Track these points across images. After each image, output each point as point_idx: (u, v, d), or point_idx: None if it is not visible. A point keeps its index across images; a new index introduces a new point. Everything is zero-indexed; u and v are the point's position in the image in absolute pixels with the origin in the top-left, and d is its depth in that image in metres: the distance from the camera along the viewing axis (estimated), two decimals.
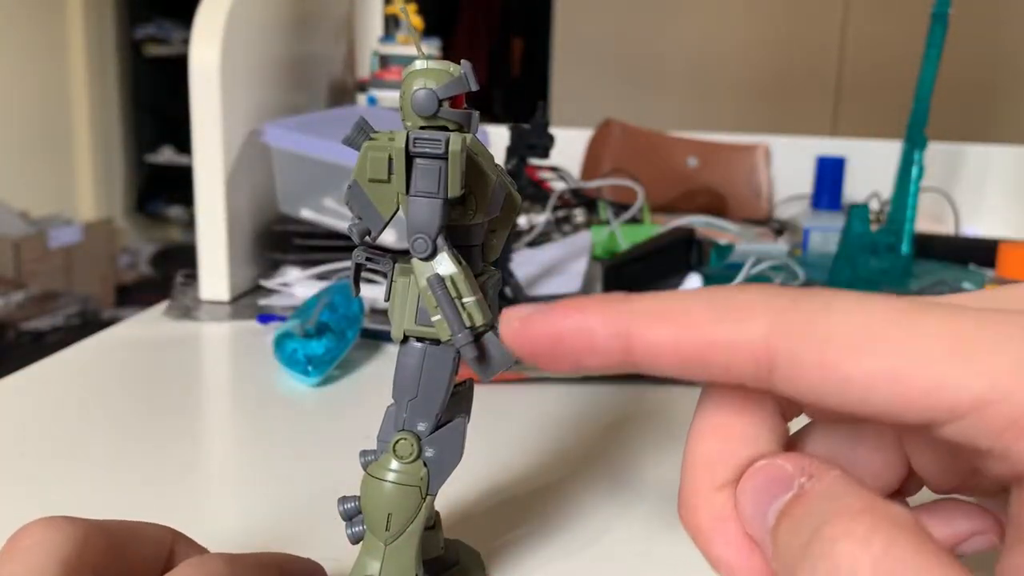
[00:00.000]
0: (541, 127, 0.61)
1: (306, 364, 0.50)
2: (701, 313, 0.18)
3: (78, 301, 2.71)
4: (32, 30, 3.15)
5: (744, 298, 0.18)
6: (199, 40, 0.64)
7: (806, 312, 0.17)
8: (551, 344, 0.19)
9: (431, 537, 0.29)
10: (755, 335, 0.17)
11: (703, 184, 1.13)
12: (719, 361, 0.18)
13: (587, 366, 0.19)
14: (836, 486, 0.17)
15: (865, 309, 0.17)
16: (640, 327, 0.18)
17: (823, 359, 0.16)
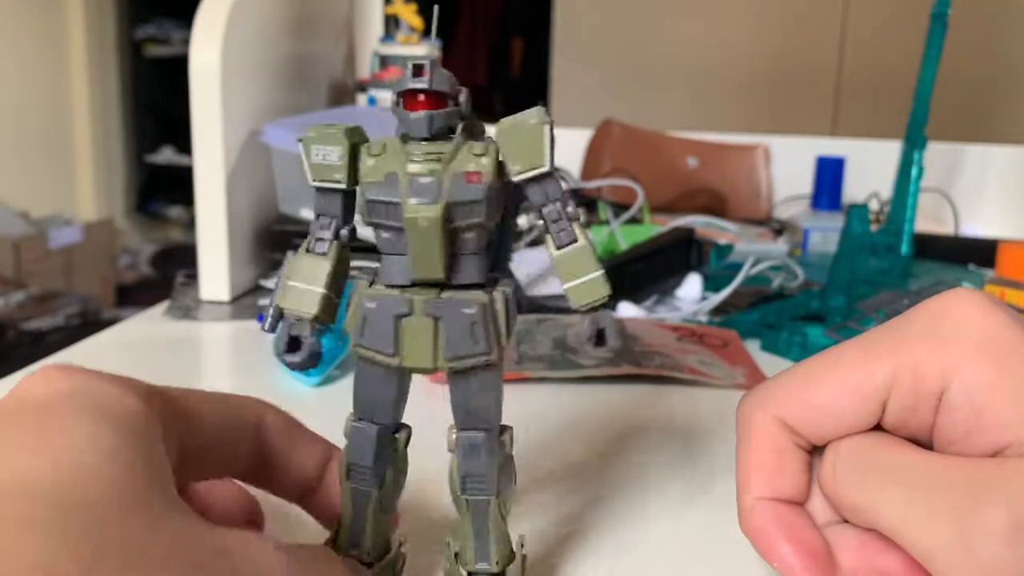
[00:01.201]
0: None
1: None
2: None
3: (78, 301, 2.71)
4: (32, 30, 3.15)
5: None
6: (199, 40, 0.64)
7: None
8: (810, 559, 0.25)
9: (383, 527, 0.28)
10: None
11: (703, 184, 1.13)
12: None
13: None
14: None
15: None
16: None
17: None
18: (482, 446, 0.26)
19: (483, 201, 0.23)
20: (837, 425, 0.25)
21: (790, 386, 0.26)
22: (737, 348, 0.59)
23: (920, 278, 0.76)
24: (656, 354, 0.55)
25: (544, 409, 0.48)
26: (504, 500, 0.27)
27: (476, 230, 0.24)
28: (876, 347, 0.24)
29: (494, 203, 0.24)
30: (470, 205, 0.24)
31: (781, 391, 0.26)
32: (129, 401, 0.22)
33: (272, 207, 0.74)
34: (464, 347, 0.24)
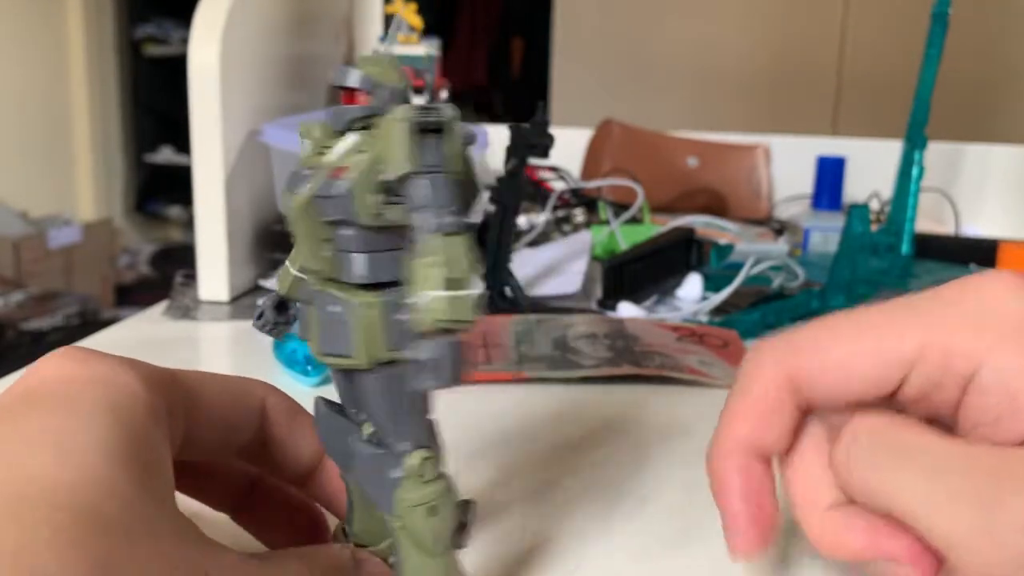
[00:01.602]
0: (541, 127, 0.61)
1: (306, 364, 0.50)
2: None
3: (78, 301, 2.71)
4: (32, 30, 3.15)
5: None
6: (198, 40, 0.64)
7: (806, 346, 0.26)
8: (752, 520, 0.26)
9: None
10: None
11: (703, 184, 1.13)
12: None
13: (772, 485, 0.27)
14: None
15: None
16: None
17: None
18: (356, 455, 0.25)
19: (338, 197, 0.23)
20: (848, 387, 0.24)
21: (805, 342, 0.25)
22: (737, 348, 0.59)
23: (921, 278, 0.76)
24: (656, 354, 0.55)
25: (544, 409, 0.48)
26: (412, 529, 0.24)
27: (353, 227, 0.23)
28: (905, 317, 0.24)
29: (363, 200, 0.23)
30: (330, 200, 0.23)
31: (794, 345, 0.25)
32: (138, 392, 0.22)
33: (271, 207, 0.74)
34: (328, 344, 0.24)
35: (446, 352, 0.21)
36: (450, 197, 0.22)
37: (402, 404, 0.24)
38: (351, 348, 0.23)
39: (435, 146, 0.22)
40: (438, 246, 0.21)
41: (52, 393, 0.21)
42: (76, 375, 0.22)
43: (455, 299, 0.21)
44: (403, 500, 0.24)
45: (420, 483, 0.24)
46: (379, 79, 0.23)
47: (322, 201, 0.23)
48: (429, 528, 0.24)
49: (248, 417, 0.27)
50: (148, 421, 0.22)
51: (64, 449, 0.20)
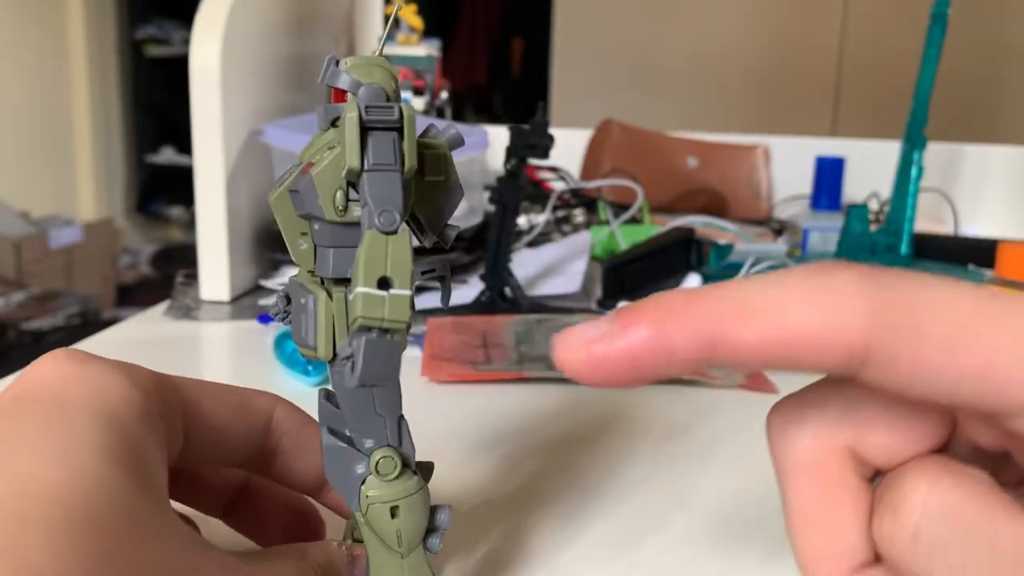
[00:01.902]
0: (541, 127, 0.61)
1: (306, 364, 0.50)
2: (793, 307, 0.17)
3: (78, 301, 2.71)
4: (32, 30, 3.15)
5: (837, 285, 0.17)
6: (199, 40, 0.65)
7: (902, 305, 0.17)
8: (626, 369, 0.18)
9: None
10: (854, 330, 0.17)
11: (703, 184, 1.13)
12: (812, 355, 0.17)
13: (663, 376, 0.18)
14: (923, 457, 0.18)
15: (956, 302, 0.17)
16: (726, 331, 0.17)
17: (916, 355, 0.16)
18: (323, 446, 0.25)
19: (302, 192, 0.23)
20: (916, 446, 0.19)
21: (854, 397, 0.19)
22: None
23: None
24: None
25: (543, 409, 0.48)
26: (374, 526, 0.24)
27: (321, 223, 0.24)
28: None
29: (327, 196, 0.23)
30: (297, 195, 0.24)
31: (842, 400, 0.19)
32: (133, 398, 0.22)
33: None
34: (297, 334, 0.25)
35: (360, 350, 0.21)
36: (393, 196, 0.22)
37: (365, 400, 0.24)
38: (314, 340, 0.24)
39: (388, 144, 0.22)
40: (366, 244, 0.21)
41: (47, 394, 0.22)
42: (70, 377, 0.22)
43: (371, 297, 0.21)
44: (366, 497, 0.24)
45: (383, 481, 0.24)
46: (362, 78, 0.23)
47: (293, 195, 0.24)
48: (392, 528, 0.24)
49: (251, 428, 0.27)
50: (141, 424, 0.22)
51: (59, 449, 0.20)
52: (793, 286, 0.17)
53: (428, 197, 0.25)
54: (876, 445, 0.19)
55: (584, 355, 0.18)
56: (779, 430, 0.20)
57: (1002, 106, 2.00)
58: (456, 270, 0.72)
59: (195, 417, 0.25)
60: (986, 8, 1.91)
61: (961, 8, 0.88)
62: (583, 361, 0.18)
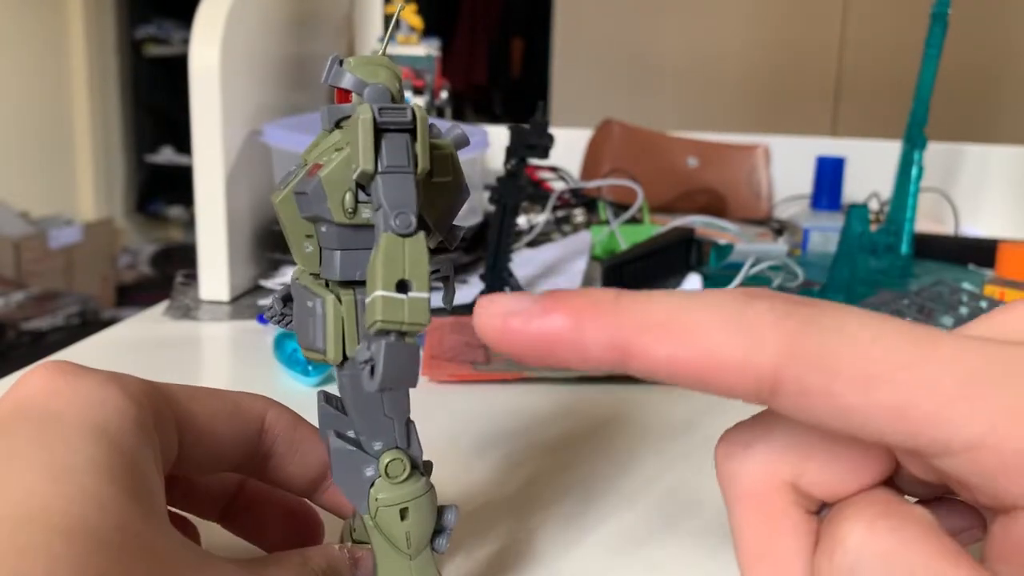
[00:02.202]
0: (541, 127, 0.61)
1: (306, 364, 0.50)
2: (709, 331, 0.17)
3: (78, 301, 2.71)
4: (32, 30, 3.15)
5: (754, 315, 0.17)
6: (199, 40, 0.64)
7: (816, 339, 0.16)
8: (537, 348, 0.18)
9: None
10: (763, 359, 0.16)
11: (703, 184, 1.13)
12: (722, 381, 0.17)
13: (573, 368, 0.18)
14: (866, 494, 0.18)
15: (877, 338, 0.16)
16: (641, 342, 0.17)
17: (829, 389, 0.16)
18: (331, 449, 0.25)
19: (309, 194, 0.23)
20: (854, 482, 0.19)
21: (796, 432, 0.19)
22: None
23: (920, 278, 0.76)
24: None
25: (544, 409, 0.48)
26: (384, 528, 0.24)
27: (328, 224, 0.23)
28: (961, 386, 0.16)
29: (336, 198, 0.23)
30: (304, 197, 0.23)
31: (785, 434, 0.19)
32: (126, 409, 0.22)
33: (272, 207, 0.74)
34: (304, 338, 0.24)
35: (380, 353, 0.20)
36: (407, 198, 0.22)
37: (374, 402, 0.24)
38: (323, 343, 0.24)
39: (401, 146, 0.22)
40: (383, 246, 0.21)
41: (39, 411, 0.21)
42: (62, 392, 0.22)
43: (390, 300, 0.20)
44: (375, 500, 0.24)
45: (392, 484, 0.24)
46: (367, 78, 0.23)
47: (299, 197, 0.24)
48: (401, 530, 0.24)
49: (245, 432, 0.27)
50: (136, 437, 0.22)
51: (54, 469, 0.19)
52: (713, 309, 0.17)
53: (435, 198, 0.24)
54: (818, 481, 0.19)
55: (499, 324, 0.18)
56: (724, 460, 0.20)
57: (1002, 106, 2.00)
58: (456, 270, 0.72)
59: (189, 425, 0.25)
60: (986, 8, 1.91)
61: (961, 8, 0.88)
62: (497, 329, 0.18)
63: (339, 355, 0.24)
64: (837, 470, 0.19)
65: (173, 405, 0.24)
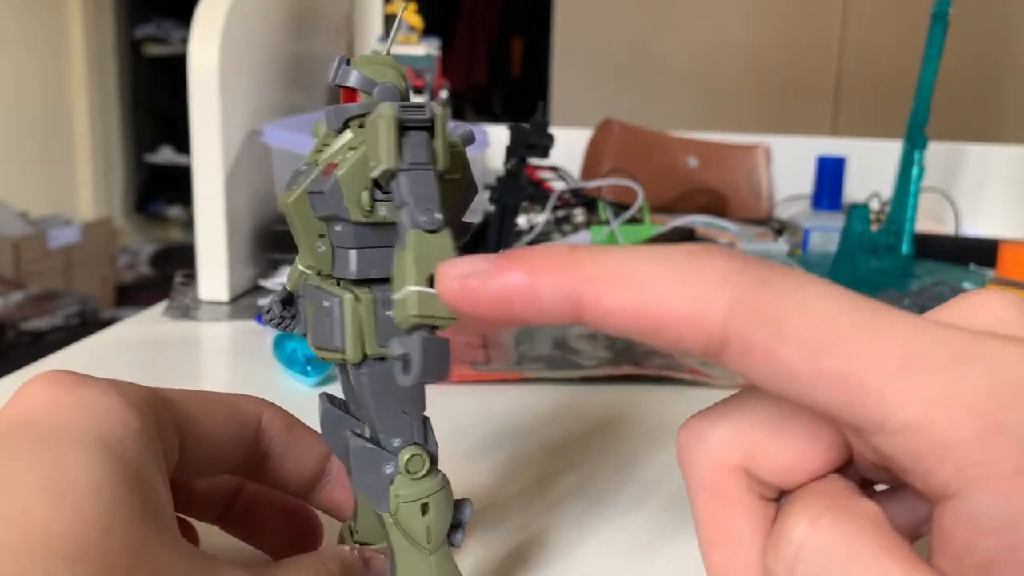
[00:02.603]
0: (541, 127, 0.61)
1: (305, 364, 0.50)
2: (660, 282, 0.17)
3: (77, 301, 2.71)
4: (32, 29, 3.15)
5: (707, 269, 0.17)
6: (198, 39, 0.64)
7: (768, 299, 0.16)
8: (495, 306, 0.18)
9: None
10: (713, 314, 0.16)
11: (703, 184, 1.13)
12: (672, 333, 0.17)
13: (530, 324, 0.18)
14: (816, 484, 0.18)
15: (829, 307, 0.16)
16: (593, 292, 0.17)
17: (775, 352, 0.16)
18: (350, 449, 0.25)
19: (326, 193, 0.23)
20: (808, 467, 0.19)
21: (748, 417, 0.19)
22: None
23: (921, 278, 0.76)
24: (656, 354, 0.55)
25: (544, 409, 0.48)
26: (404, 525, 0.24)
27: (343, 223, 0.24)
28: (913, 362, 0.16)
29: (353, 197, 0.23)
30: (320, 196, 0.23)
31: (737, 420, 0.19)
32: (128, 419, 0.22)
33: (271, 207, 0.74)
34: (322, 339, 0.24)
35: (417, 348, 0.21)
36: (431, 194, 0.22)
37: (392, 400, 0.24)
38: (342, 343, 0.24)
39: (422, 143, 0.22)
40: (413, 243, 0.21)
41: (39, 425, 0.21)
42: (63, 404, 0.21)
43: (424, 295, 0.21)
44: (396, 496, 0.24)
45: (412, 480, 0.24)
46: (375, 78, 0.24)
47: (314, 197, 0.24)
48: (422, 525, 0.24)
49: (242, 434, 0.26)
50: (139, 447, 0.21)
51: (57, 491, 0.19)
52: (666, 263, 0.17)
53: (446, 194, 0.25)
54: (768, 466, 0.19)
55: (458, 286, 0.18)
56: (683, 448, 0.20)
57: (1003, 105, 2.00)
58: None
59: (189, 429, 0.24)
60: (987, 7, 1.91)
61: (962, 7, 0.88)
62: (457, 291, 0.18)
63: (359, 354, 0.24)
64: (787, 454, 0.19)
65: (173, 410, 0.24)
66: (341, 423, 0.26)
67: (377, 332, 0.24)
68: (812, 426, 0.18)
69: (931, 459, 0.15)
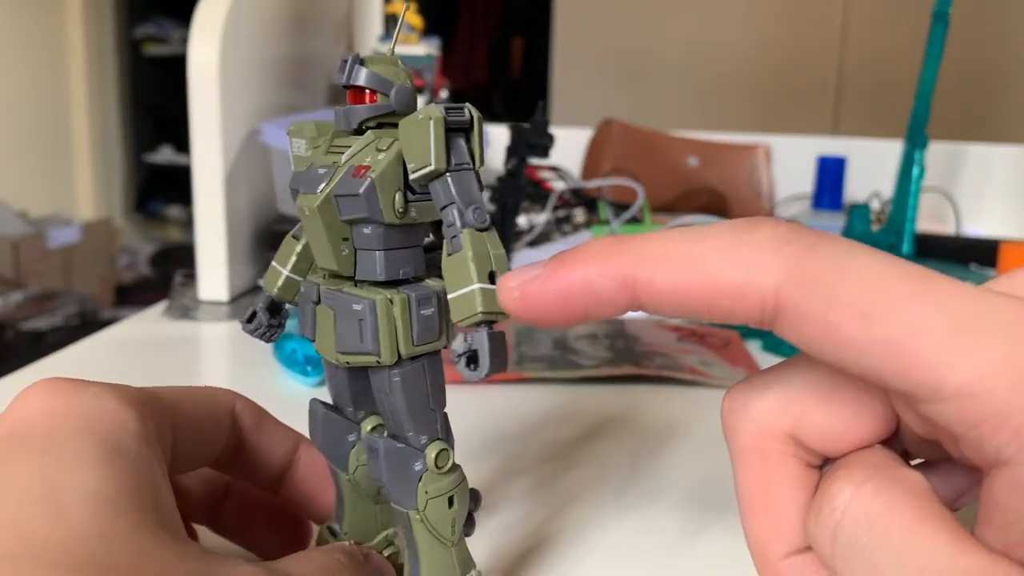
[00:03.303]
0: (541, 127, 0.60)
1: (305, 364, 0.50)
2: (709, 257, 0.17)
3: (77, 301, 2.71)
4: (31, 29, 3.15)
5: (755, 240, 0.17)
6: (198, 39, 0.64)
7: (818, 266, 0.16)
8: (557, 306, 0.19)
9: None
10: (766, 282, 0.17)
11: (703, 184, 1.13)
12: (725, 305, 0.17)
13: (594, 318, 0.19)
14: (861, 454, 0.18)
15: (878, 273, 0.16)
16: (645, 273, 0.18)
17: (828, 318, 0.16)
18: (380, 452, 0.25)
19: (361, 195, 0.23)
20: (856, 432, 0.19)
21: (796, 385, 0.19)
22: (738, 348, 0.59)
23: None
24: (656, 354, 0.55)
25: (544, 409, 0.48)
26: (432, 520, 0.25)
27: (373, 225, 0.23)
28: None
29: (388, 199, 0.23)
30: (352, 199, 0.23)
31: (785, 388, 0.19)
32: (127, 420, 0.22)
33: (271, 207, 0.74)
34: (351, 344, 0.24)
35: (485, 343, 0.21)
36: (476, 193, 0.23)
37: (421, 397, 0.25)
38: (376, 345, 0.23)
39: (462, 144, 0.23)
40: (468, 241, 0.22)
41: (38, 433, 0.21)
42: (61, 410, 0.21)
43: (488, 292, 0.22)
44: (425, 492, 0.24)
45: (439, 475, 0.25)
46: (391, 79, 0.24)
47: (343, 200, 0.23)
48: (449, 518, 0.25)
49: (221, 426, 0.27)
50: (139, 448, 0.21)
51: (55, 500, 0.19)
52: (714, 238, 0.17)
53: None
54: (815, 432, 0.19)
55: (519, 294, 0.19)
56: (728, 415, 0.20)
57: (1004, 105, 2.00)
58: None
59: (178, 425, 0.24)
60: (987, 7, 1.91)
61: (963, 7, 0.88)
62: (518, 300, 0.19)
63: (394, 355, 0.24)
64: (834, 421, 0.19)
65: (165, 409, 0.24)
66: (344, 428, 0.26)
67: (412, 332, 0.24)
68: (860, 396, 0.19)
69: (985, 425, 0.15)
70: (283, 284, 0.26)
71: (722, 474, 0.40)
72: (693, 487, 0.39)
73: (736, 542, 0.34)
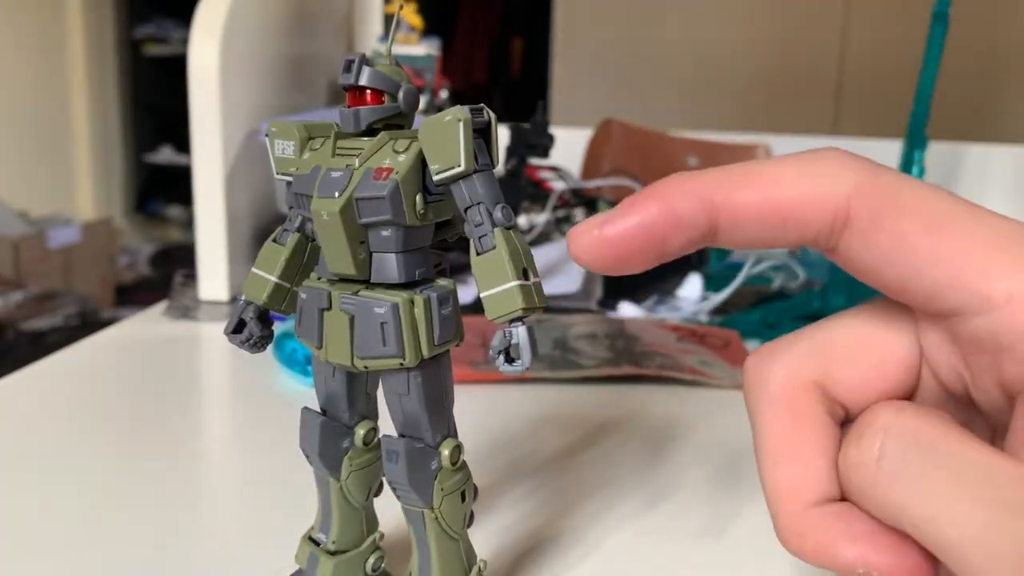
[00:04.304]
0: (541, 127, 0.60)
1: (305, 364, 0.50)
2: (787, 175, 0.19)
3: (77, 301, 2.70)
4: (31, 29, 3.15)
5: (827, 160, 0.19)
6: (198, 39, 0.64)
7: (886, 182, 0.18)
8: (637, 240, 0.19)
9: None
10: (838, 194, 0.18)
11: None
12: (800, 217, 0.19)
13: (670, 251, 0.20)
14: (886, 401, 0.19)
15: (936, 196, 0.18)
16: (725, 192, 0.19)
17: (896, 226, 0.18)
18: (400, 452, 0.24)
19: (386, 198, 0.23)
20: (880, 382, 0.20)
21: (823, 340, 0.20)
22: (738, 348, 0.59)
23: None
24: (656, 354, 0.55)
25: (544, 409, 0.48)
26: (446, 516, 0.25)
27: (393, 228, 0.23)
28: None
29: (410, 200, 0.23)
30: (375, 201, 0.23)
31: (812, 342, 0.20)
32: None
33: (271, 207, 0.74)
34: (374, 348, 0.24)
35: (525, 338, 0.22)
36: (499, 193, 0.23)
37: (439, 397, 0.25)
38: (400, 348, 0.23)
39: (483, 145, 0.23)
40: (502, 240, 0.22)
41: None
42: None
43: (524, 288, 0.22)
44: (441, 489, 0.25)
45: (453, 471, 0.25)
46: (399, 79, 0.24)
47: (364, 203, 0.23)
48: (462, 512, 0.25)
49: None
50: None
51: None
52: (787, 161, 0.19)
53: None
54: (842, 381, 0.20)
55: (597, 235, 0.20)
56: (754, 371, 0.21)
57: (1004, 105, 2.00)
58: (456, 270, 0.72)
59: None
60: (988, 7, 1.91)
61: (962, 7, 0.88)
62: (596, 240, 0.20)
63: (417, 356, 0.24)
64: (862, 371, 0.20)
65: None
66: (338, 435, 0.26)
67: (435, 332, 0.24)
68: (884, 348, 0.20)
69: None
70: (271, 292, 0.25)
71: (722, 473, 0.41)
72: (693, 487, 0.39)
73: (736, 541, 0.34)
